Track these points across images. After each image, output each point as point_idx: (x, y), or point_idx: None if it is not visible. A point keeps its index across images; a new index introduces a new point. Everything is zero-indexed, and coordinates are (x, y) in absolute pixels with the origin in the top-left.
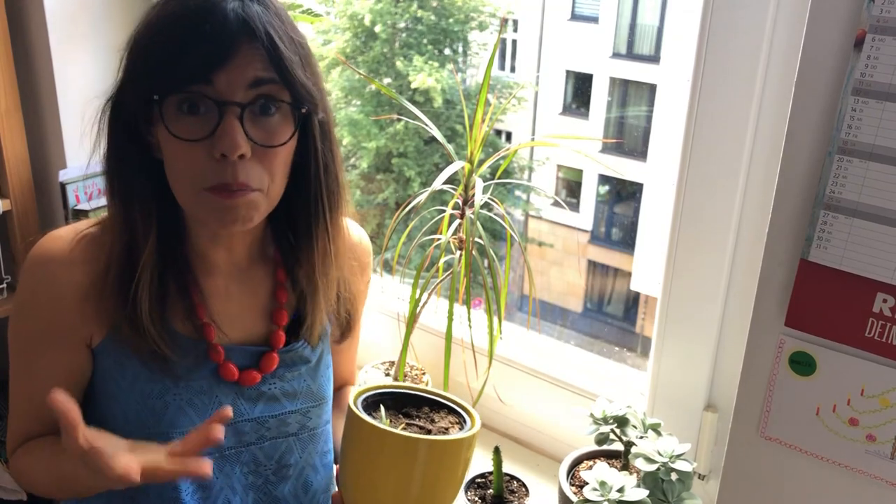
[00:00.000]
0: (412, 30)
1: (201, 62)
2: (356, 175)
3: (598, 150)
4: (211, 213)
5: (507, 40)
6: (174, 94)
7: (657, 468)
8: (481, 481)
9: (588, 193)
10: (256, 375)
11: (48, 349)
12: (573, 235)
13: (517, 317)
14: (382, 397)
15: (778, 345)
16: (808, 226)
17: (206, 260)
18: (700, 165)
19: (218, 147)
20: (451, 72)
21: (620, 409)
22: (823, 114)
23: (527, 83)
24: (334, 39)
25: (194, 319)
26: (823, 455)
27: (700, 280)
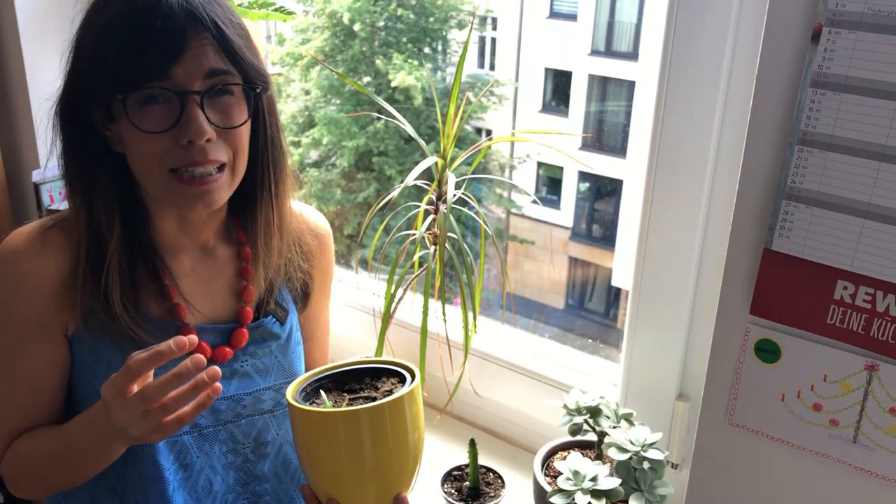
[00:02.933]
0: (391, 28)
1: (157, 59)
2: (336, 174)
3: (577, 148)
4: (180, 198)
5: (486, 38)
6: (136, 91)
7: (629, 457)
8: (458, 474)
9: (569, 190)
10: (228, 351)
11: (27, 344)
12: (554, 232)
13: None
14: (321, 382)
15: (744, 333)
16: (770, 215)
17: (172, 242)
18: (668, 159)
19: (185, 134)
20: (429, 69)
21: (593, 400)
22: (783, 106)
23: (506, 81)
24: (313, 38)
25: (166, 301)
26: (789, 440)
27: (670, 271)
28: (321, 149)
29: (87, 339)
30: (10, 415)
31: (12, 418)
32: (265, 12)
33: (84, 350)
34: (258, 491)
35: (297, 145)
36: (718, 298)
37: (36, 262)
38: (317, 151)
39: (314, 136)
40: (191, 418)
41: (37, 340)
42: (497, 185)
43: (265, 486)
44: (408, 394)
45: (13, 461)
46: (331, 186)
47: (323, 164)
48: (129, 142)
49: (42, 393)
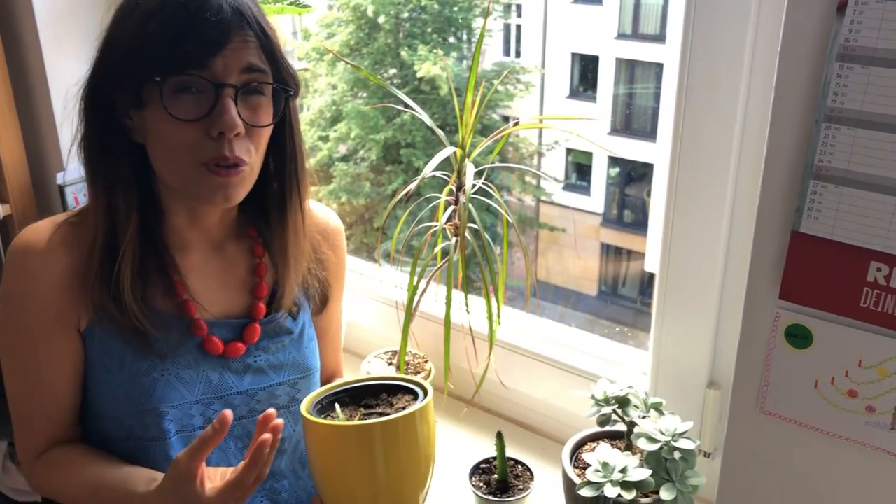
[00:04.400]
0: (416, 19)
1: (202, 47)
2: (365, 167)
3: (606, 133)
4: (204, 189)
5: (512, 25)
6: (175, 76)
7: (660, 447)
8: (486, 467)
9: (598, 176)
10: (241, 347)
11: (42, 340)
12: (585, 219)
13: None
14: (338, 396)
15: (773, 318)
16: (797, 196)
17: (183, 239)
18: (692, 141)
19: (217, 126)
20: (443, 57)
21: (621, 390)
22: (809, 82)
23: (532, 67)
24: (338, 32)
25: (174, 297)
26: (823, 428)
27: (697, 257)
28: (349, 142)
29: (99, 333)
30: (31, 419)
31: (33, 423)
32: (280, 6)
33: (96, 346)
34: (276, 487)
35: (326, 140)
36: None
37: (48, 257)
38: (345, 145)
39: (342, 130)
40: None
41: (51, 337)
42: (526, 173)
43: (283, 483)
44: (420, 410)
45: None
46: (360, 180)
47: (351, 158)
48: (157, 129)
49: (60, 394)
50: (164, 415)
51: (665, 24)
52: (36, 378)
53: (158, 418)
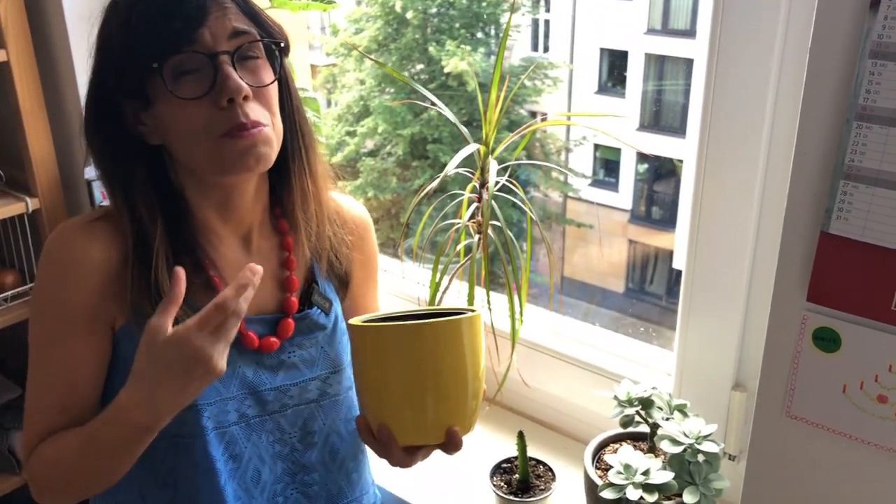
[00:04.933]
0: (444, 14)
1: (186, 22)
2: (392, 162)
3: (635, 129)
4: (233, 158)
5: (540, 20)
6: (169, 56)
7: (683, 450)
8: (507, 466)
9: (627, 173)
10: (275, 342)
11: (71, 334)
12: (612, 215)
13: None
14: (386, 320)
15: (801, 321)
16: (827, 197)
17: (214, 234)
18: (720, 137)
19: (224, 94)
20: (483, 55)
21: (645, 391)
22: (840, 79)
23: (560, 62)
24: (366, 28)
25: (213, 292)
26: (852, 434)
27: (724, 256)
28: (376, 138)
29: (136, 333)
30: (46, 412)
31: (48, 416)
32: (305, 2)
33: (130, 347)
34: (307, 481)
35: (353, 135)
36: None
37: (84, 252)
38: (372, 141)
39: (369, 125)
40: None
41: (82, 333)
42: (553, 169)
43: (313, 476)
44: (467, 319)
45: (38, 464)
46: (386, 175)
47: (378, 153)
48: (170, 119)
49: (80, 387)
50: (202, 411)
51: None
52: (61, 372)
53: (196, 415)
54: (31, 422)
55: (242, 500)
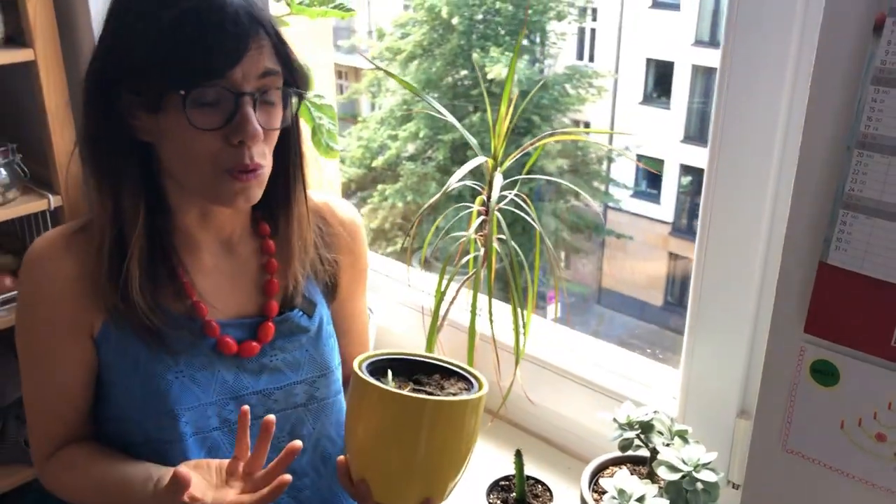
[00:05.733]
0: (490, 21)
1: (224, 59)
2: (432, 167)
3: (679, 140)
4: (225, 194)
5: (586, 29)
6: (198, 88)
7: (681, 477)
8: (505, 484)
9: (669, 184)
10: (255, 346)
11: (56, 346)
12: (653, 227)
13: (595, 309)
14: (391, 363)
15: (799, 352)
16: (826, 226)
17: (193, 239)
18: (729, 159)
19: (238, 134)
20: (528, 62)
21: (646, 415)
22: (842, 105)
23: (605, 72)
24: (412, 32)
25: (185, 299)
26: (849, 472)
27: (731, 280)
28: (418, 142)
29: (113, 336)
30: (45, 420)
31: (47, 423)
32: (323, 10)
33: (111, 350)
34: (298, 486)
35: (395, 139)
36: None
37: (59, 265)
38: (413, 145)
39: (411, 129)
40: None
41: (64, 342)
42: (594, 179)
43: (304, 481)
44: (473, 399)
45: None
46: (426, 179)
47: (419, 158)
48: (175, 136)
49: (73, 397)
50: (180, 417)
51: None
52: (51, 381)
53: (174, 420)
54: (35, 434)
55: None
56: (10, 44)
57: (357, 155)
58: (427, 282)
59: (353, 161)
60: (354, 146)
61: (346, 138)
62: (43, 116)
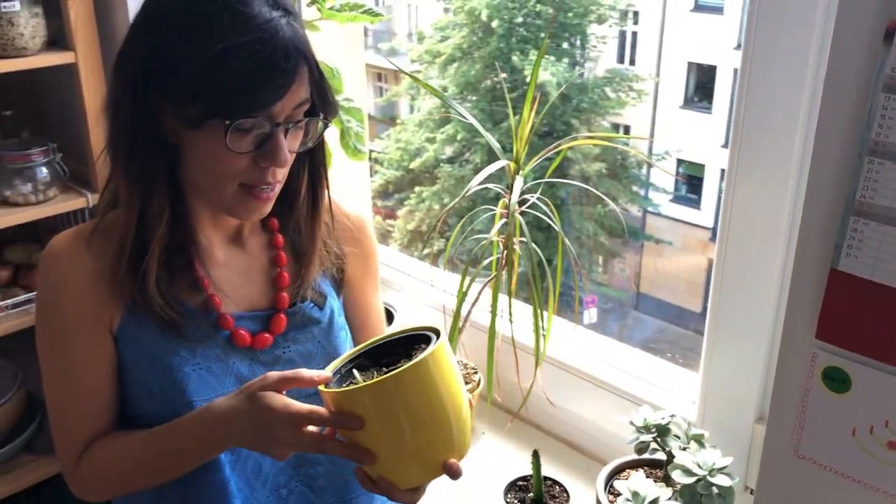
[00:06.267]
0: (530, 24)
1: (272, 94)
2: (469, 170)
3: (720, 145)
4: (241, 208)
5: (627, 32)
6: (243, 118)
7: (696, 481)
8: (523, 484)
9: (710, 189)
10: (268, 338)
11: (78, 342)
12: (693, 233)
13: (632, 315)
14: (354, 363)
15: (810, 358)
16: (837, 232)
17: (205, 234)
18: (748, 166)
19: (269, 160)
20: (568, 65)
21: (663, 418)
22: (853, 112)
23: (646, 76)
24: (451, 35)
25: (201, 292)
26: (861, 479)
27: (751, 285)
28: (455, 145)
29: (130, 332)
30: (74, 418)
31: (77, 422)
32: (353, 14)
33: (129, 345)
34: (311, 474)
35: (433, 141)
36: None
37: (77, 260)
38: (451, 147)
39: (448, 132)
40: None
41: (86, 339)
42: (634, 182)
43: (318, 469)
44: (430, 355)
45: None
46: (463, 182)
47: (457, 160)
48: (206, 151)
49: (100, 394)
50: (197, 406)
51: None
52: (76, 380)
53: (191, 410)
54: (66, 435)
55: (244, 492)
56: (52, 47)
57: (395, 157)
58: (451, 283)
59: (391, 163)
60: (393, 148)
61: (384, 140)
62: (83, 117)
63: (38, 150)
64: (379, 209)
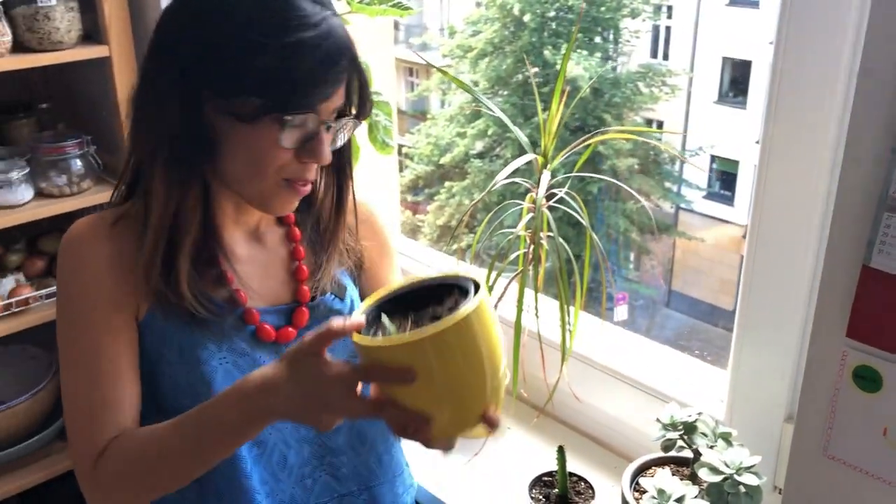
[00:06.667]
0: (562, 18)
1: (325, 92)
2: (500, 164)
3: (755, 141)
4: (277, 203)
5: (661, 27)
6: (299, 114)
7: (723, 480)
8: (548, 480)
9: (744, 186)
10: (292, 332)
11: (103, 327)
12: (726, 230)
13: (662, 312)
14: (382, 306)
15: (841, 357)
16: (869, 229)
17: (227, 230)
18: (780, 158)
19: (312, 156)
20: (600, 59)
21: (690, 416)
22: (887, 107)
23: (680, 70)
24: (483, 29)
25: (226, 287)
26: (891, 480)
27: (782, 281)
28: (486, 140)
29: (158, 323)
30: (92, 410)
31: (95, 414)
32: (382, 8)
33: (156, 337)
34: (335, 463)
35: (463, 136)
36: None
37: (99, 245)
38: (482, 142)
39: (479, 127)
40: None
41: (110, 323)
42: (666, 179)
43: (341, 459)
44: (474, 312)
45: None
46: (494, 177)
47: (487, 156)
48: (252, 146)
49: (121, 382)
50: None
51: None
52: (101, 367)
53: None
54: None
55: (269, 485)
56: (86, 41)
57: (426, 152)
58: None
59: (422, 158)
60: (423, 143)
61: (415, 135)
62: (116, 110)
63: (72, 143)
64: (408, 204)
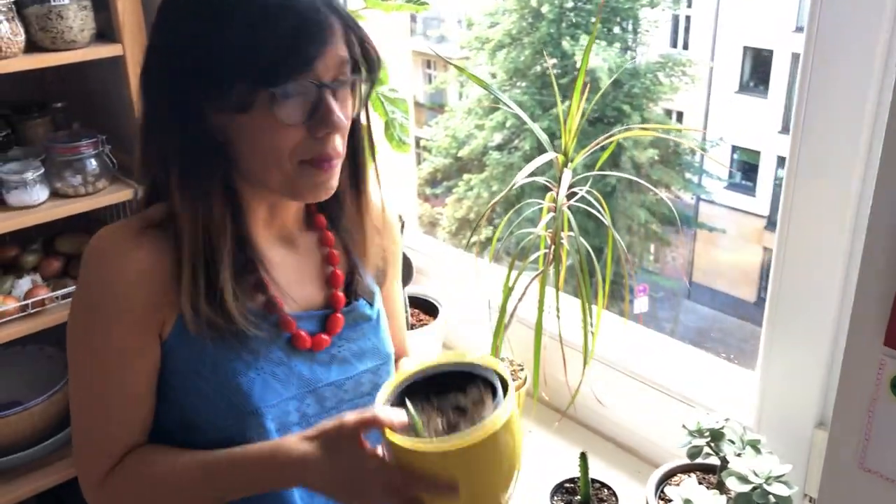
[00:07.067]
0: (580, 9)
1: (310, 51)
2: (518, 157)
3: (777, 131)
4: (307, 186)
5: (680, 16)
6: (286, 83)
7: (751, 489)
8: (570, 486)
9: (766, 177)
10: (326, 339)
11: (125, 344)
12: (748, 221)
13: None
14: (406, 389)
15: (878, 366)
16: None
17: (260, 235)
18: (812, 155)
19: (323, 126)
20: (619, 50)
21: (717, 422)
22: None
23: (699, 60)
24: (500, 21)
25: (264, 293)
26: None
27: (812, 282)
28: (504, 132)
29: (186, 338)
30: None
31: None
32: (399, 3)
33: (185, 353)
34: None
35: (481, 128)
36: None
37: (129, 258)
38: (500, 135)
39: (497, 119)
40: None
41: (133, 338)
42: (686, 170)
43: None
44: (509, 419)
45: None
46: (512, 170)
47: (505, 148)
48: (258, 133)
49: (140, 401)
50: (265, 415)
51: None
52: (116, 384)
53: (260, 419)
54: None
55: (305, 501)
56: (100, 40)
57: (444, 145)
58: (497, 275)
59: (440, 151)
60: (441, 136)
61: (432, 128)
62: (130, 109)
63: (87, 142)
64: (426, 197)
